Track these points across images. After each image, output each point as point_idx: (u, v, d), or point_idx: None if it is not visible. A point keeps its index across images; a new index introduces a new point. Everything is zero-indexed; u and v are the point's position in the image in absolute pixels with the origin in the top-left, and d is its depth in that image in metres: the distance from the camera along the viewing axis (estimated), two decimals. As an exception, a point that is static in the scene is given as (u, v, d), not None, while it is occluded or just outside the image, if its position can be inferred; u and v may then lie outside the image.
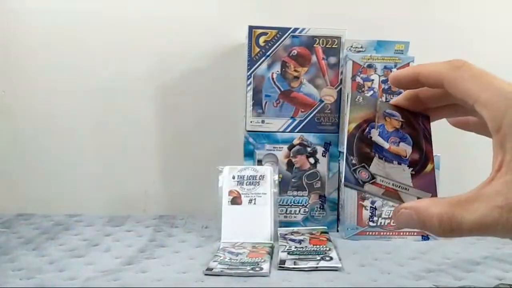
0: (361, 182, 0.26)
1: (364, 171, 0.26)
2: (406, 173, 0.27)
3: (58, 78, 0.80)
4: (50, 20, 0.79)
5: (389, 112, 0.30)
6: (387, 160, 0.27)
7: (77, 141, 0.82)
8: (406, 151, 0.28)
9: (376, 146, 0.28)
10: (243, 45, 0.75)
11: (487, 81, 0.24)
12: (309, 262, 0.56)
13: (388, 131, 0.29)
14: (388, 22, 0.80)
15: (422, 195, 0.26)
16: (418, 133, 0.29)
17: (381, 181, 0.26)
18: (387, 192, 0.26)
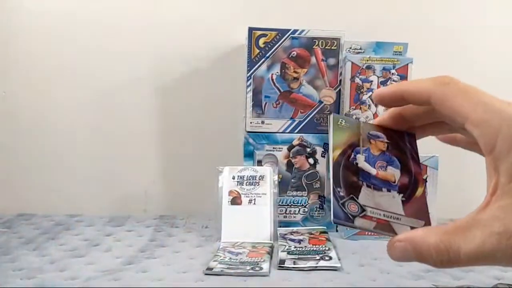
0: (351, 217, 0.24)
1: (353, 203, 0.25)
2: (396, 200, 0.26)
3: (58, 79, 0.81)
4: (50, 21, 0.79)
5: (374, 134, 0.28)
6: (376, 188, 0.26)
7: (78, 141, 0.82)
8: (394, 175, 0.27)
9: (363, 173, 0.26)
10: (243, 47, 0.75)
11: (477, 98, 0.22)
12: (309, 261, 0.57)
13: (374, 154, 0.27)
14: (387, 24, 0.80)
15: (415, 223, 0.25)
16: (405, 153, 0.28)
17: (372, 212, 0.25)
18: (379, 225, 0.24)
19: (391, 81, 0.70)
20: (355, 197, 0.25)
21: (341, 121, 0.29)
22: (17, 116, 0.81)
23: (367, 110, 0.70)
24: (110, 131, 0.82)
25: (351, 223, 0.24)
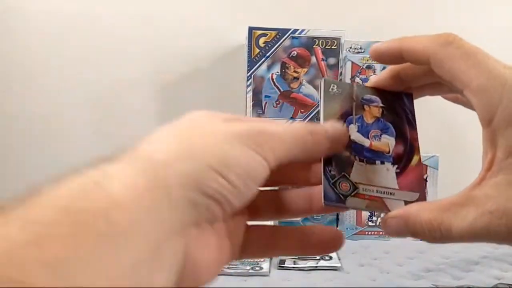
0: (342, 197, 0.23)
1: (345, 182, 0.24)
2: (390, 173, 0.25)
3: (58, 79, 0.81)
4: (50, 21, 0.79)
5: (368, 98, 0.26)
6: (369, 161, 0.25)
7: (78, 141, 0.82)
8: (389, 144, 0.25)
9: (356, 146, 0.25)
10: (243, 46, 0.75)
11: (480, 61, 0.21)
12: (309, 261, 0.57)
13: (368, 123, 0.26)
14: (387, 23, 0.80)
15: (409, 196, 0.24)
16: (401, 118, 0.26)
17: (364, 190, 0.24)
18: (371, 202, 0.24)
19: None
20: (346, 174, 0.24)
21: (332, 87, 0.26)
22: (17, 116, 0.81)
23: (367, 110, 0.70)
24: (110, 130, 0.82)
25: (343, 204, 0.23)
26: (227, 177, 0.18)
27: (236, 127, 0.20)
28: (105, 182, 0.16)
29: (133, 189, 0.16)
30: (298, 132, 0.22)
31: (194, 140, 0.19)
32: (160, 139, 0.20)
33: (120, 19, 0.80)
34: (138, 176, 0.17)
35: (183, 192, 0.17)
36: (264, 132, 0.20)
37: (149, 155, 0.18)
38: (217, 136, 0.19)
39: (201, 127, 0.20)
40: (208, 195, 0.18)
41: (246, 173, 0.19)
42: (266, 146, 0.20)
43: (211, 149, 0.19)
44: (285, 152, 0.21)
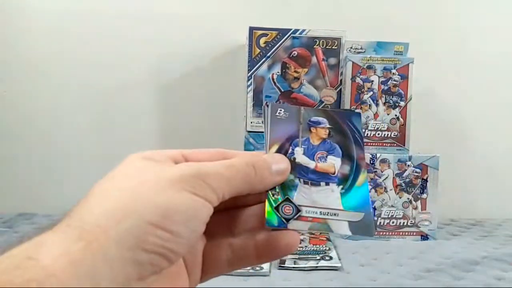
0: (284, 221, 0.23)
1: (288, 205, 0.24)
2: (335, 194, 0.25)
3: (59, 79, 0.81)
4: (52, 20, 0.80)
5: (314, 121, 0.27)
6: (314, 184, 0.25)
7: (79, 141, 0.82)
8: (334, 166, 0.26)
9: (301, 168, 0.25)
10: (243, 46, 0.75)
11: None
12: (309, 261, 0.57)
13: (314, 145, 0.26)
14: (388, 24, 0.80)
15: (353, 217, 0.24)
16: (348, 138, 0.26)
17: (307, 212, 0.24)
18: (314, 224, 0.24)
19: (392, 81, 0.70)
20: (290, 197, 0.24)
21: (279, 111, 0.27)
22: (18, 115, 0.81)
23: (368, 110, 0.70)
24: (111, 130, 0.82)
25: (284, 227, 0.23)
26: (167, 228, 0.18)
27: (173, 172, 0.20)
28: (39, 255, 0.16)
29: (67, 258, 0.16)
30: (240, 168, 0.22)
31: (129, 195, 0.19)
32: (95, 199, 0.19)
33: (121, 18, 0.80)
34: (72, 243, 0.17)
35: (121, 252, 0.17)
36: (202, 173, 0.20)
37: (83, 220, 0.18)
38: (153, 186, 0.19)
39: (135, 178, 0.20)
40: (150, 251, 0.18)
41: (187, 219, 0.19)
42: (206, 187, 0.20)
43: (147, 202, 0.18)
44: (228, 189, 0.21)
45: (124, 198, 0.19)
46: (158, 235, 0.18)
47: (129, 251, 0.17)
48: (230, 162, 0.22)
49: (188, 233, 0.19)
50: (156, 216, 0.18)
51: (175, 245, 0.19)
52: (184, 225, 0.19)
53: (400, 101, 0.70)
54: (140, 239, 0.18)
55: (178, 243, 0.19)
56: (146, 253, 0.18)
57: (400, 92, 0.70)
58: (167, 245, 0.18)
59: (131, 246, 0.17)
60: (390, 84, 0.70)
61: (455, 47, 0.82)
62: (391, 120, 0.70)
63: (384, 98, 0.70)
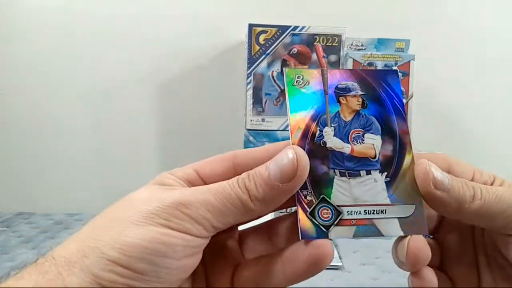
0: (324, 229, 0.19)
1: (325, 207, 0.20)
2: (379, 184, 0.20)
3: (58, 78, 0.80)
4: (50, 19, 0.79)
5: (343, 87, 0.21)
6: (352, 174, 0.20)
7: (77, 140, 0.81)
8: (374, 146, 0.21)
9: (334, 155, 0.20)
10: (243, 44, 0.74)
11: None
12: (310, 260, 0.56)
13: (346, 121, 0.21)
14: (389, 20, 0.80)
15: (404, 211, 0.20)
16: (385, 107, 0.21)
17: (349, 213, 0.20)
18: (360, 228, 0.20)
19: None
20: (326, 197, 0.20)
21: (298, 79, 0.21)
22: (16, 114, 0.81)
23: (369, 107, 0.70)
24: (110, 129, 0.82)
25: (325, 237, 0.19)
26: (128, 265, 0.18)
27: (152, 202, 0.19)
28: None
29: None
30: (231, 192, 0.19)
31: (100, 231, 0.19)
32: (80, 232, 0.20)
33: (120, 17, 0.79)
34: (42, 277, 0.17)
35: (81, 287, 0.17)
36: (182, 202, 0.19)
37: (54, 254, 0.18)
38: (125, 221, 0.19)
39: (119, 211, 0.20)
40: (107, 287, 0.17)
41: (153, 254, 0.18)
42: (185, 218, 0.19)
43: (110, 238, 0.18)
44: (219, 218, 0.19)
45: (95, 231, 0.19)
46: (117, 272, 0.17)
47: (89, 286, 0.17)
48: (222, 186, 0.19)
49: (155, 270, 0.18)
50: (115, 253, 0.18)
51: (140, 282, 0.18)
52: (146, 261, 0.18)
53: (401, 98, 0.69)
54: (98, 276, 0.17)
55: (143, 280, 0.18)
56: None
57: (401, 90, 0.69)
58: (129, 283, 0.18)
59: (90, 282, 0.17)
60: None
61: (457, 44, 0.82)
62: (392, 117, 0.69)
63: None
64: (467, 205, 0.20)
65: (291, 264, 0.20)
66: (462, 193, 0.20)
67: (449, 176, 0.20)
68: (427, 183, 0.20)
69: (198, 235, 0.19)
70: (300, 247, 0.20)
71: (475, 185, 0.20)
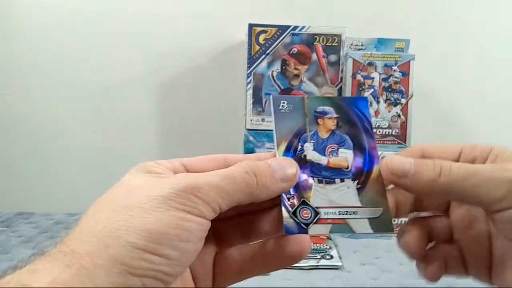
0: (304, 227, 0.22)
1: (306, 209, 0.23)
2: (351, 190, 0.24)
3: (58, 77, 0.80)
4: (50, 19, 0.79)
5: (320, 111, 0.25)
6: (328, 182, 0.24)
7: (77, 140, 0.81)
8: (347, 159, 0.25)
9: (313, 166, 0.24)
10: (243, 43, 0.74)
11: None
12: (310, 260, 0.56)
13: (323, 138, 0.25)
14: (389, 20, 0.80)
15: (373, 213, 0.23)
16: (356, 127, 0.25)
17: (326, 214, 0.23)
18: (335, 226, 0.23)
19: (393, 78, 0.69)
20: (306, 200, 0.23)
21: (282, 104, 0.25)
22: (16, 114, 0.81)
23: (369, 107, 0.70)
24: (110, 129, 0.81)
25: (305, 233, 0.22)
26: (156, 251, 0.18)
27: (164, 188, 0.19)
28: (32, 283, 0.17)
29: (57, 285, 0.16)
30: (239, 178, 0.21)
31: (116, 219, 0.19)
32: (86, 223, 0.19)
33: (120, 16, 0.79)
34: (62, 271, 0.17)
35: (109, 279, 0.17)
36: (194, 186, 0.20)
37: (73, 246, 0.18)
38: (141, 207, 0.19)
39: (127, 198, 0.20)
40: (139, 275, 0.18)
41: (176, 240, 0.19)
42: (199, 201, 0.19)
43: (133, 226, 0.18)
44: (225, 201, 0.20)
45: (112, 222, 0.19)
46: (146, 259, 0.18)
47: (118, 277, 0.17)
48: (228, 171, 0.21)
49: (179, 254, 0.19)
50: (142, 240, 0.18)
51: (167, 267, 0.18)
52: (172, 247, 0.18)
53: (401, 98, 0.69)
54: (128, 264, 0.17)
55: (169, 265, 0.18)
56: (136, 277, 0.18)
57: (401, 89, 0.69)
58: (158, 268, 0.18)
59: (119, 272, 0.17)
60: (391, 81, 0.69)
61: (457, 44, 0.81)
62: (392, 117, 0.69)
63: (385, 95, 0.69)
64: (435, 184, 0.22)
65: (275, 255, 0.23)
66: (426, 174, 0.22)
67: (414, 161, 0.22)
68: (388, 174, 0.23)
69: (208, 218, 0.20)
70: (285, 241, 0.23)
71: (444, 164, 0.22)
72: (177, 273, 0.19)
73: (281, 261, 0.23)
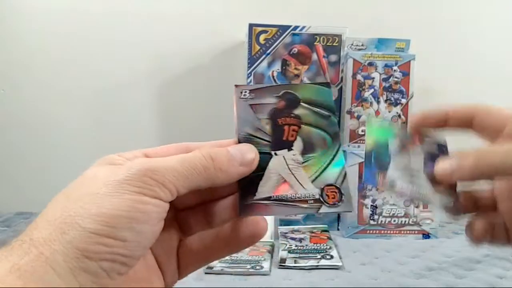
0: None
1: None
2: None
3: (58, 77, 0.80)
4: (50, 19, 0.79)
5: None
6: None
7: (77, 140, 0.81)
8: None
9: None
10: (243, 43, 0.74)
11: None
12: (310, 260, 0.56)
13: None
14: (389, 20, 0.80)
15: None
16: None
17: None
18: None
19: (394, 78, 0.69)
20: None
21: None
22: (17, 114, 0.81)
23: (369, 107, 0.70)
24: (110, 129, 0.82)
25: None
26: (111, 235, 0.18)
27: (120, 173, 0.20)
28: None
29: (17, 273, 0.17)
30: (196, 160, 0.21)
31: (73, 206, 0.19)
32: (46, 212, 0.20)
33: (120, 16, 0.79)
34: (20, 257, 0.17)
35: (68, 263, 0.17)
36: (150, 169, 0.20)
37: (30, 236, 0.18)
38: (97, 193, 0.19)
39: (85, 187, 0.20)
40: (96, 259, 0.18)
41: (133, 222, 0.19)
42: (154, 183, 0.20)
43: (88, 211, 0.19)
44: (183, 183, 0.21)
45: (69, 209, 0.19)
46: (101, 242, 0.18)
47: (76, 262, 0.18)
48: (186, 156, 0.22)
49: (137, 236, 0.19)
50: (97, 225, 0.18)
51: (123, 249, 0.19)
52: (129, 229, 0.19)
53: (401, 98, 0.69)
54: (84, 249, 0.18)
55: (126, 247, 0.19)
56: (93, 261, 0.18)
57: (402, 89, 0.69)
58: (114, 251, 0.18)
59: (76, 256, 0.18)
60: (391, 81, 0.69)
61: (457, 43, 0.82)
62: (392, 117, 0.69)
63: (385, 95, 0.69)
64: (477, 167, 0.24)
65: (232, 237, 0.24)
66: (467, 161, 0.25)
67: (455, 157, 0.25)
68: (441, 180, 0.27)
69: (165, 200, 0.20)
70: (240, 223, 0.24)
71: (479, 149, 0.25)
72: (135, 255, 0.19)
73: (239, 243, 0.25)
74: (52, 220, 0.19)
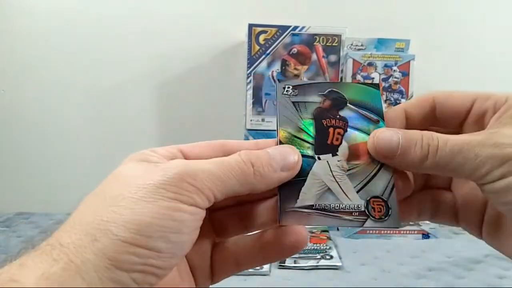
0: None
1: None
2: None
3: (58, 77, 0.80)
4: (51, 19, 0.79)
5: None
6: None
7: (77, 140, 0.81)
8: None
9: None
10: (243, 44, 0.74)
11: None
12: (310, 260, 0.56)
13: None
14: (389, 20, 0.80)
15: None
16: None
17: None
18: None
19: (393, 78, 0.69)
20: None
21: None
22: (16, 115, 0.81)
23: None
24: (110, 129, 0.82)
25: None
26: (144, 245, 0.17)
27: (155, 176, 0.19)
28: (21, 277, 0.16)
29: (46, 280, 0.16)
30: (235, 166, 0.20)
31: (105, 212, 0.18)
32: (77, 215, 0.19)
33: (120, 16, 0.79)
34: (51, 265, 0.16)
35: (98, 273, 0.17)
36: (187, 173, 0.19)
37: (59, 241, 0.17)
38: (130, 198, 0.18)
39: (117, 189, 0.19)
40: (128, 270, 0.17)
41: (168, 231, 0.18)
42: (192, 189, 0.18)
43: (121, 218, 0.17)
44: (220, 189, 0.19)
45: (101, 214, 0.18)
46: (134, 253, 0.17)
47: (107, 272, 0.17)
48: (224, 159, 0.20)
49: (170, 247, 0.18)
50: (130, 233, 0.17)
51: (157, 261, 0.17)
52: (163, 239, 0.17)
53: (401, 98, 0.69)
54: (115, 259, 0.17)
55: (160, 258, 0.17)
56: (124, 272, 0.17)
57: (401, 90, 0.69)
58: (147, 262, 0.17)
59: (107, 266, 0.17)
60: (391, 81, 0.69)
61: (456, 43, 0.81)
62: (392, 117, 0.69)
63: (385, 95, 0.69)
64: (422, 164, 0.21)
65: (273, 246, 0.23)
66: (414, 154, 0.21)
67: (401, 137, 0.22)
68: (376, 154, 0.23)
69: (202, 207, 0.19)
70: (282, 232, 0.22)
71: (432, 142, 0.21)
72: (169, 265, 0.18)
73: (279, 252, 0.23)
74: (84, 224, 0.18)
